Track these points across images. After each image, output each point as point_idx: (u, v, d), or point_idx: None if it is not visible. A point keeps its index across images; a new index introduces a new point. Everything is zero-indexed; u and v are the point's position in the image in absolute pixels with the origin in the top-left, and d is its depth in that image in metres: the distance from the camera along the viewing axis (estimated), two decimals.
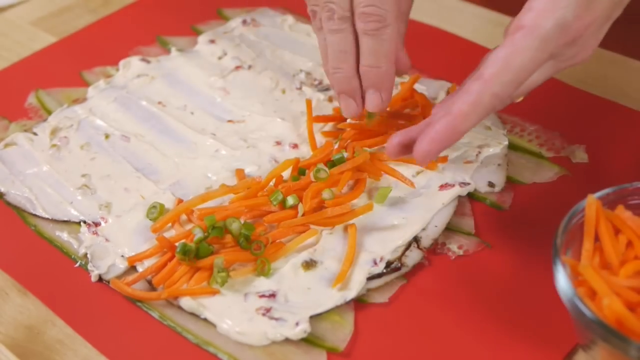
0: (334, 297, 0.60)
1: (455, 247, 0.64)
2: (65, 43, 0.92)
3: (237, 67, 0.84)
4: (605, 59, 0.82)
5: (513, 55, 0.54)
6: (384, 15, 0.61)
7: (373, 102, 0.65)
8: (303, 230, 0.64)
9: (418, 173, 0.69)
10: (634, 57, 0.82)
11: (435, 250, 0.64)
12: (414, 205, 0.66)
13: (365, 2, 0.61)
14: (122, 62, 0.86)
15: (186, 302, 0.60)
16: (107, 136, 0.77)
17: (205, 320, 0.60)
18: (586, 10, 0.54)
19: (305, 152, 0.73)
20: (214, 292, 0.60)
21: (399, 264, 0.62)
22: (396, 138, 0.60)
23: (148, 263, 0.63)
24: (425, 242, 0.64)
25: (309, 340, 0.58)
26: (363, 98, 0.66)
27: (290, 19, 0.92)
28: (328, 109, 0.77)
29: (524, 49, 0.54)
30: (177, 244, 0.62)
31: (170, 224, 0.66)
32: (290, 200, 0.65)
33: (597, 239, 0.53)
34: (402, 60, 0.65)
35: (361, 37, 0.62)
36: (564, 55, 0.57)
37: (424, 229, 0.65)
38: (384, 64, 0.63)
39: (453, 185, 0.68)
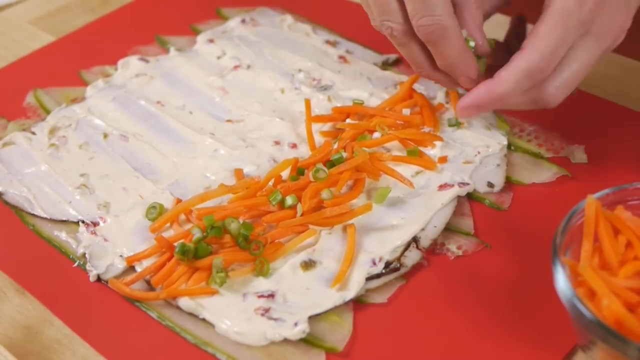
0: (332, 298, 0.60)
1: (455, 247, 0.64)
2: (63, 42, 0.92)
3: (236, 67, 0.84)
4: (606, 59, 0.82)
5: (541, 25, 0.60)
6: (440, 21, 0.61)
7: (464, 84, 0.67)
8: (302, 230, 0.64)
9: (417, 173, 0.69)
10: (633, 57, 0.82)
11: (434, 250, 0.64)
12: (413, 205, 0.66)
13: (419, 15, 0.61)
14: (120, 62, 0.86)
15: (185, 302, 0.60)
16: (105, 136, 0.76)
17: (203, 320, 0.59)
18: None
19: (304, 152, 0.73)
20: (213, 292, 0.60)
21: (398, 264, 0.62)
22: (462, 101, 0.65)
23: (147, 263, 0.63)
24: (424, 242, 0.64)
25: (308, 341, 0.58)
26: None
27: (289, 18, 0.92)
28: (327, 109, 0.77)
29: (551, 18, 0.60)
30: (175, 244, 0.62)
31: (168, 224, 0.66)
32: (289, 200, 0.65)
33: (596, 239, 0.53)
34: (478, 44, 0.66)
35: (427, 45, 0.63)
36: (596, 26, 0.61)
37: (423, 229, 0.65)
38: (457, 60, 0.64)
39: (452, 186, 0.68)
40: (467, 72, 0.65)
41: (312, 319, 0.59)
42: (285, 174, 0.68)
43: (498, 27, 0.75)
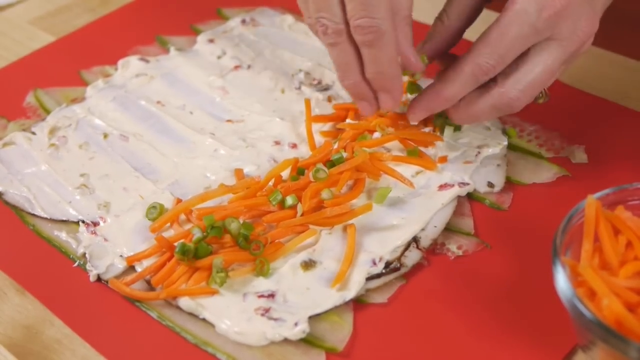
0: (333, 298, 0.59)
1: (455, 247, 0.64)
2: (63, 42, 0.92)
3: (236, 67, 0.84)
4: (606, 59, 0.82)
5: (493, 27, 0.60)
6: (378, 24, 0.60)
7: (385, 103, 0.66)
8: (302, 230, 0.64)
9: (417, 173, 0.69)
10: (634, 57, 0.82)
11: (434, 250, 0.64)
12: (413, 205, 0.66)
13: (358, 15, 0.60)
14: (121, 62, 0.86)
15: (185, 302, 0.60)
16: (105, 136, 0.76)
17: (204, 320, 0.59)
18: None
19: (304, 152, 0.73)
20: (213, 292, 0.60)
21: (398, 264, 0.62)
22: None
23: (147, 263, 0.63)
24: (425, 242, 0.64)
25: (308, 341, 0.58)
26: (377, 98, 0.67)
27: (289, 18, 0.92)
28: (327, 109, 0.77)
29: (504, 22, 0.60)
30: (176, 243, 0.62)
31: (169, 224, 0.66)
32: (290, 200, 0.65)
33: (596, 239, 0.53)
34: (410, 61, 0.65)
35: (360, 48, 0.62)
36: (559, 32, 0.60)
37: (423, 229, 0.65)
38: (387, 70, 0.63)
39: (452, 186, 0.68)
40: (392, 85, 0.64)
41: (312, 319, 0.59)
42: (285, 174, 0.68)
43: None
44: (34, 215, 0.69)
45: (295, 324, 0.58)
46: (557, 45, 0.61)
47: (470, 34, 0.66)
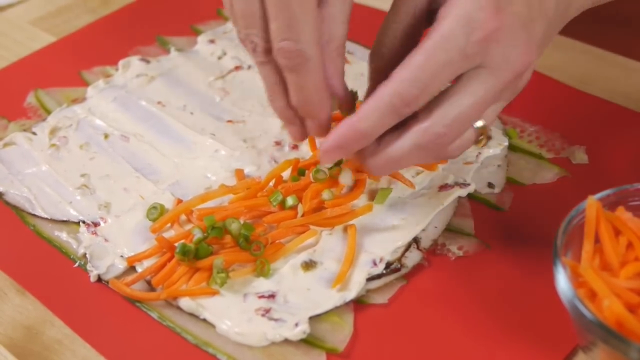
0: (333, 298, 0.59)
1: (455, 248, 0.64)
2: (64, 43, 0.92)
3: (237, 67, 0.84)
4: (606, 60, 0.82)
5: (417, 52, 0.52)
6: (302, 49, 0.54)
7: (312, 130, 0.60)
8: (302, 230, 0.64)
9: (418, 174, 0.69)
10: (634, 58, 0.82)
11: (435, 251, 0.64)
12: (414, 206, 0.66)
13: (280, 37, 0.54)
14: (121, 62, 0.86)
15: (185, 302, 0.60)
16: (106, 136, 0.76)
17: (204, 320, 0.59)
18: (495, 10, 0.51)
19: (305, 152, 0.73)
20: (213, 293, 0.60)
21: (399, 265, 0.62)
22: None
23: (147, 263, 0.63)
24: (425, 243, 0.64)
25: (308, 341, 0.58)
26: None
27: None
28: None
29: (429, 46, 0.52)
30: (176, 244, 0.62)
31: (169, 225, 0.66)
32: (290, 201, 0.65)
33: (597, 240, 0.53)
34: (339, 95, 0.59)
35: (283, 72, 0.57)
36: (491, 59, 0.52)
37: (423, 230, 0.65)
38: (312, 98, 0.57)
39: (453, 186, 0.68)
40: (317, 114, 0.58)
41: (313, 319, 0.59)
42: (286, 174, 0.68)
43: None
44: (34, 215, 0.69)
45: (296, 325, 0.58)
46: (488, 74, 0.52)
47: None
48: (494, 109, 0.56)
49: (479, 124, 0.55)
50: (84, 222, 0.68)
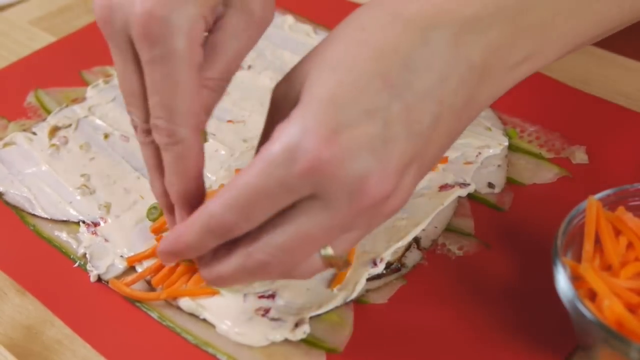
0: (333, 298, 0.59)
1: (455, 247, 0.64)
2: (64, 42, 0.92)
3: None
4: (606, 60, 0.82)
5: (241, 175, 0.46)
6: (174, 130, 0.51)
7: (177, 220, 0.54)
8: None
9: None
10: (634, 58, 0.82)
11: (435, 251, 0.64)
12: (414, 206, 0.66)
13: (155, 114, 0.51)
14: None
15: (185, 302, 0.60)
16: (106, 136, 0.76)
17: (204, 320, 0.59)
18: (326, 135, 0.44)
19: None
20: (213, 293, 0.60)
21: (399, 265, 0.62)
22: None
23: (147, 263, 0.63)
24: (425, 242, 0.64)
25: (308, 341, 0.58)
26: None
27: (290, 19, 0.92)
28: None
29: (251, 173, 0.45)
30: None
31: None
32: None
33: (597, 240, 0.53)
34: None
35: (161, 151, 0.53)
36: (326, 192, 0.45)
37: (423, 230, 0.65)
38: (183, 182, 0.53)
39: (453, 186, 0.68)
40: (185, 205, 0.54)
41: (313, 319, 0.59)
42: None
43: None
44: (34, 215, 0.69)
45: (296, 325, 0.58)
46: (321, 207, 0.45)
47: None
48: (346, 238, 0.49)
49: (327, 252, 0.49)
50: (84, 222, 0.68)
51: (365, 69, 0.45)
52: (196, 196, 0.54)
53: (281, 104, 0.49)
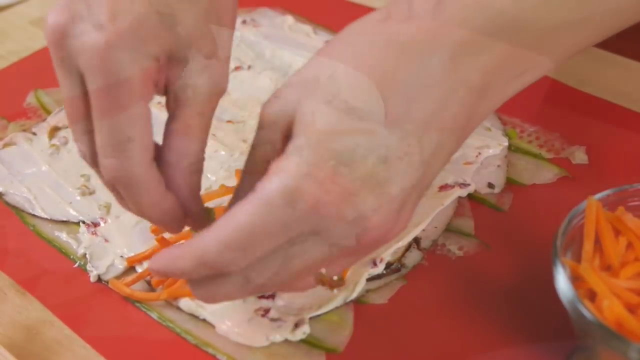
0: (333, 298, 0.59)
1: (455, 248, 0.64)
2: None
3: (237, 68, 0.84)
4: (606, 60, 0.82)
5: (235, 212, 0.45)
6: (125, 169, 0.49)
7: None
8: None
9: None
10: (634, 58, 0.82)
11: (434, 251, 0.64)
12: None
13: (103, 154, 0.49)
14: None
15: (185, 303, 0.60)
16: None
17: (204, 321, 0.59)
18: (326, 177, 0.43)
19: None
20: None
21: (399, 265, 0.62)
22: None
23: (147, 264, 0.63)
24: (425, 243, 0.64)
25: (308, 342, 0.58)
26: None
27: (289, 19, 0.92)
28: None
29: (250, 212, 0.44)
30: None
31: None
32: None
33: (597, 240, 0.53)
34: (188, 209, 0.53)
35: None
36: (327, 228, 0.44)
37: (423, 230, 0.65)
38: (150, 216, 0.52)
39: (453, 186, 0.68)
40: (167, 229, 0.54)
41: (313, 320, 0.59)
42: None
43: None
44: (34, 215, 0.69)
45: (296, 325, 0.58)
46: (322, 243, 0.45)
47: None
48: (342, 263, 0.49)
49: (322, 272, 0.49)
50: (83, 222, 0.68)
51: None
52: (169, 223, 0.52)
53: (271, 128, 0.48)
